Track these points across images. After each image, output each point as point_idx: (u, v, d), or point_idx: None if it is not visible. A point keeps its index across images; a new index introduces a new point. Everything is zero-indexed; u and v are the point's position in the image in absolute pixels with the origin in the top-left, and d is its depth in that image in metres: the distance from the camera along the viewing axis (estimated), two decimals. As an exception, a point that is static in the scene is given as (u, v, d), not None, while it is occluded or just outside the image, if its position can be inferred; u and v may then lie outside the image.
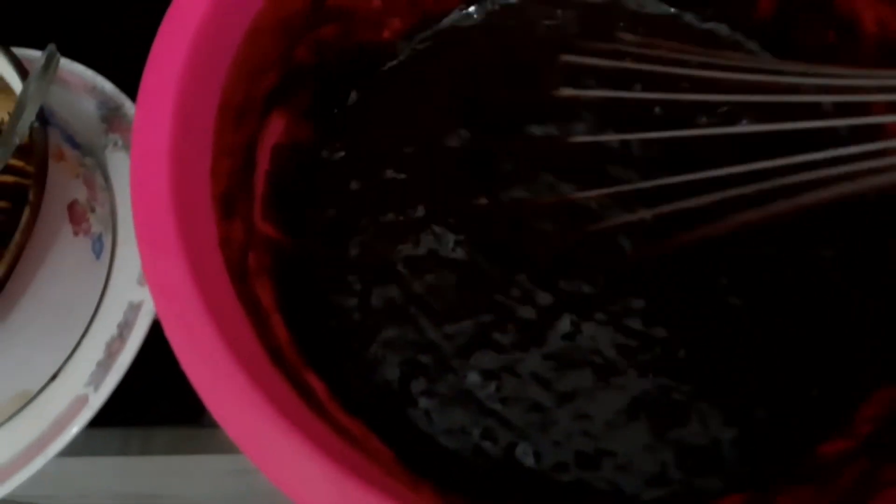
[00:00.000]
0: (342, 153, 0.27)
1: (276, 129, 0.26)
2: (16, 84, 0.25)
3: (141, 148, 0.20)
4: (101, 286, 0.27)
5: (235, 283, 0.20)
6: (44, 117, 0.24)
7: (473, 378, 0.23)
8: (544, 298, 0.24)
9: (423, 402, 0.23)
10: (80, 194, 0.26)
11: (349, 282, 0.25)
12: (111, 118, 0.30)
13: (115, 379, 0.25)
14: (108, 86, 0.30)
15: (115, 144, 0.29)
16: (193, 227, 0.20)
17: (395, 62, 0.29)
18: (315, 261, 0.25)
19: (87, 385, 0.25)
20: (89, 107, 0.30)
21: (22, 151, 0.24)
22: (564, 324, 0.23)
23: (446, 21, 0.30)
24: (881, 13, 0.24)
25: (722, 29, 0.28)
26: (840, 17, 0.25)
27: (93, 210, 0.27)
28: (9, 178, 0.28)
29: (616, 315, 0.23)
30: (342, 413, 0.21)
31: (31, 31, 0.31)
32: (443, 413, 0.23)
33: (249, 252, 0.22)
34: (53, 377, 0.26)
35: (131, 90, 0.30)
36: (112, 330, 0.26)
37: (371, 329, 0.24)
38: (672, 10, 0.29)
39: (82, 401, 0.25)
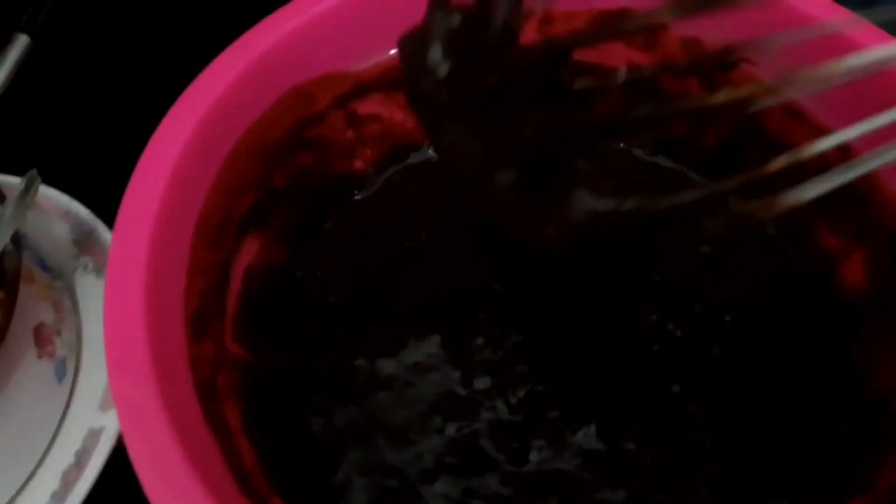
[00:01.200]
0: (313, 276, 0.28)
1: (250, 249, 0.26)
2: (-8, 208, 0.25)
3: (116, 265, 0.20)
4: (61, 412, 0.26)
5: (204, 404, 0.20)
6: (18, 241, 0.25)
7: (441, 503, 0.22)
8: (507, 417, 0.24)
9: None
10: (48, 317, 0.26)
11: (315, 402, 0.24)
12: (83, 242, 0.30)
13: (69, 511, 0.24)
14: (82, 210, 0.31)
15: (86, 267, 0.29)
16: (165, 346, 0.19)
17: (367, 192, 0.31)
18: (282, 381, 0.25)
19: (39, 519, 0.24)
20: (62, 231, 0.30)
21: (-8, 273, 0.24)
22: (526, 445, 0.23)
23: (415, 156, 0.32)
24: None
25: (666, 161, 0.30)
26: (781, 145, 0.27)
27: (59, 333, 0.26)
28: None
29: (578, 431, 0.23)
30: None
31: (4, 156, 0.32)
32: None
33: (219, 373, 0.22)
34: (2, 511, 0.24)
35: (105, 214, 0.31)
36: (69, 458, 0.25)
37: (337, 452, 0.23)
38: (621, 145, 0.31)
39: (32, 536, 0.24)
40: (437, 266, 0.28)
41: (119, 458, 0.25)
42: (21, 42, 0.37)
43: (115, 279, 0.20)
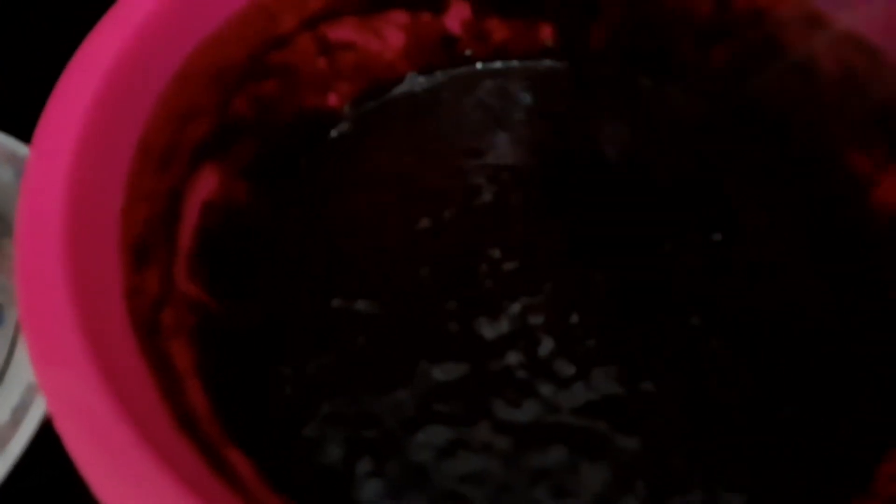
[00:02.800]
0: (282, 216, 0.25)
1: (207, 183, 0.23)
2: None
3: (32, 178, 0.17)
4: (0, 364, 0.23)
5: (140, 338, 0.17)
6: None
7: (425, 455, 0.20)
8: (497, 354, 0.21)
9: (372, 485, 0.19)
10: (-17, 260, 0.23)
11: (284, 348, 0.22)
12: (29, 184, 0.27)
13: (2, 470, 0.21)
14: (25, 152, 0.28)
15: (31, 212, 0.27)
16: (90, 271, 0.17)
17: (343, 129, 0.28)
18: (246, 325, 0.22)
19: (-33, 480, 0.21)
20: (5, 174, 0.27)
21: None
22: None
23: (394, 91, 0.29)
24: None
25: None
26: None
27: (-4, 279, 0.24)
28: None
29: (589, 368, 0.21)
30: (274, 497, 0.17)
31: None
32: (395, 497, 0.19)
33: (165, 308, 0.19)
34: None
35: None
36: (4, 415, 0.22)
37: (308, 402, 0.21)
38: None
39: (-42, 500, 0.21)
40: (421, 203, 0.25)
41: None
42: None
43: (30, 194, 0.17)
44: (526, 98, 0.28)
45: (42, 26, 0.36)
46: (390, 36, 0.28)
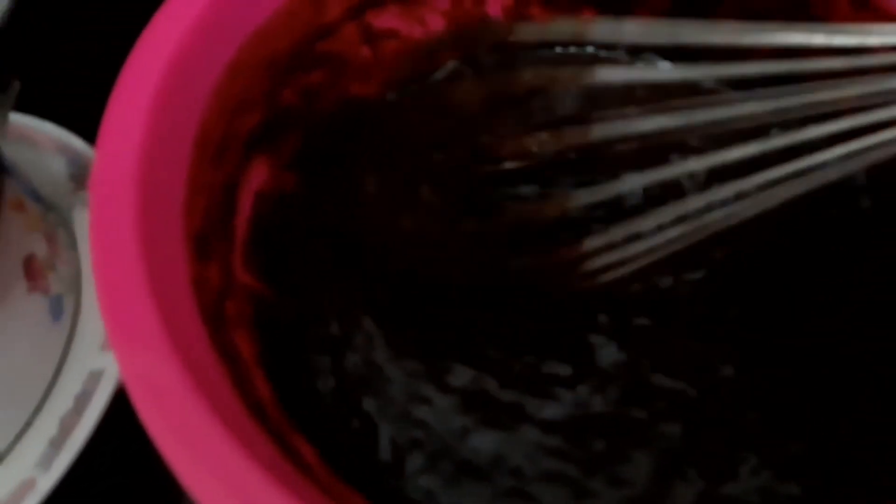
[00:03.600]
0: (330, 207, 0.25)
1: (259, 175, 0.24)
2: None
3: (103, 175, 0.17)
4: (59, 354, 0.24)
5: (210, 328, 0.17)
6: (2, 163, 0.22)
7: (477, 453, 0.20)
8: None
9: (424, 481, 0.20)
10: (40, 249, 0.24)
11: (333, 341, 0.22)
12: (81, 176, 0.28)
13: (67, 458, 0.22)
14: (78, 144, 0.28)
15: (85, 203, 0.27)
16: (162, 264, 0.17)
17: (386, 115, 0.28)
18: (300, 316, 0.22)
19: (36, 467, 0.22)
20: (58, 165, 0.28)
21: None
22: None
23: (436, 76, 0.29)
24: None
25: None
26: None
27: (53, 268, 0.24)
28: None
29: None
30: (338, 484, 0.18)
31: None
32: (449, 492, 0.19)
33: (227, 300, 0.20)
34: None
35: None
36: (68, 403, 0.23)
37: (355, 395, 0.21)
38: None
39: (28, 485, 0.22)
40: (464, 190, 0.25)
41: (121, 403, 0.23)
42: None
43: (101, 193, 0.17)
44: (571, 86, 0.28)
45: (83, 20, 0.36)
46: (432, 22, 0.28)
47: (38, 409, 0.23)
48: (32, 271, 0.23)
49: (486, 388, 0.21)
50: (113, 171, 0.18)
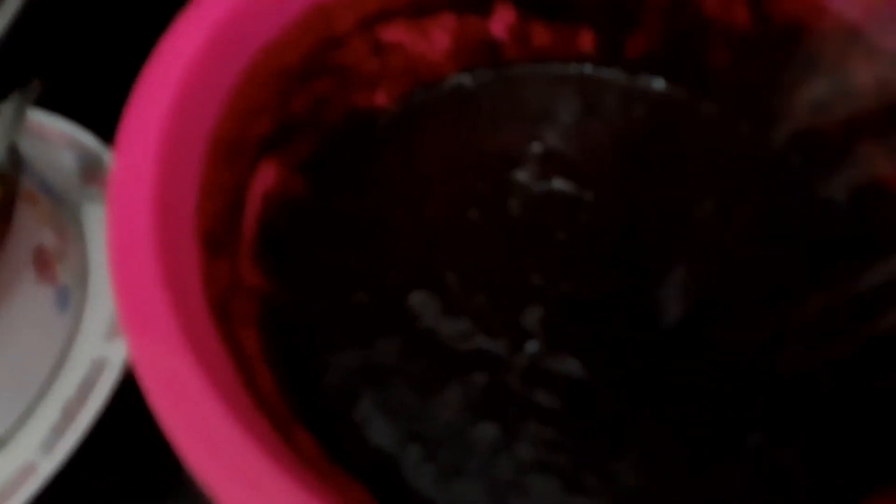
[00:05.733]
0: (336, 211, 0.26)
1: (267, 176, 0.24)
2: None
3: (122, 177, 0.18)
4: (63, 343, 0.25)
5: (219, 324, 0.18)
6: (15, 154, 0.23)
7: (477, 445, 0.21)
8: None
9: (425, 470, 0.21)
10: (49, 241, 0.24)
11: (336, 339, 0.23)
12: (90, 171, 0.28)
13: (69, 444, 0.22)
14: (88, 139, 0.29)
15: (93, 197, 0.28)
16: (175, 260, 0.18)
17: (390, 125, 0.29)
18: (302, 314, 0.23)
19: (38, 452, 0.23)
20: (68, 159, 0.29)
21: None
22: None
23: (438, 88, 0.30)
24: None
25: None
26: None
27: (61, 260, 0.25)
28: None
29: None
30: (338, 474, 0.19)
31: (10, 85, 0.30)
32: (447, 483, 0.20)
33: (234, 298, 0.21)
34: (0, 443, 0.23)
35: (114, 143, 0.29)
36: (71, 390, 0.23)
37: (357, 389, 0.22)
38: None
39: (29, 470, 0.22)
40: (466, 197, 0.26)
41: (124, 393, 0.23)
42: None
43: (119, 191, 0.18)
44: (568, 102, 0.29)
45: (94, 17, 0.37)
46: (437, 38, 0.29)
47: (40, 395, 0.24)
48: (42, 262, 0.24)
49: (489, 381, 0.22)
50: (131, 170, 0.18)
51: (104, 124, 0.30)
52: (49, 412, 0.23)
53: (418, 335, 0.23)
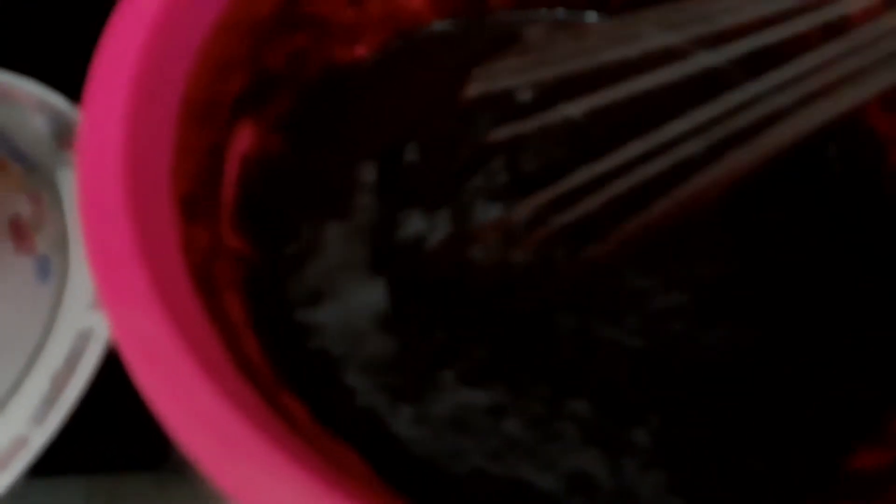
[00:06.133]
0: (316, 169, 0.26)
1: (244, 138, 0.24)
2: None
3: (89, 137, 0.17)
4: (47, 313, 0.24)
5: (201, 292, 0.18)
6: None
7: (470, 404, 0.21)
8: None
9: (415, 430, 0.20)
10: (24, 210, 0.24)
11: (321, 301, 0.23)
12: (63, 135, 0.27)
13: (60, 415, 0.22)
14: (59, 101, 0.28)
15: (68, 162, 0.27)
16: (152, 229, 0.17)
17: (369, 74, 0.28)
18: (286, 277, 0.23)
19: (29, 424, 0.22)
20: (39, 124, 0.28)
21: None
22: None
23: (417, 35, 0.29)
24: None
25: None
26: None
27: (39, 229, 0.24)
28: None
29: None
30: (327, 438, 0.18)
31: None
32: (437, 439, 0.20)
33: (216, 262, 0.20)
34: (-11, 416, 0.23)
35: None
36: (59, 361, 0.23)
37: (343, 352, 0.22)
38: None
39: (21, 442, 0.22)
40: (448, 145, 0.25)
41: (113, 363, 0.23)
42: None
43: (88, 154, 0.18)
44: (554, 48, 0.28)
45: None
46: (416, -18, 0.28)
47: (28, 367, 0.23)
48: (18, 233, 0.23)
49: (476, 343, 0.22)
50: (99, 131, 0.18)
51: (73, 86, 0.29)
52: (38, 384, 0.23)
53: (405, 288, 0.22)
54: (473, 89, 0.21)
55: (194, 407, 0.15)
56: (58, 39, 0.32)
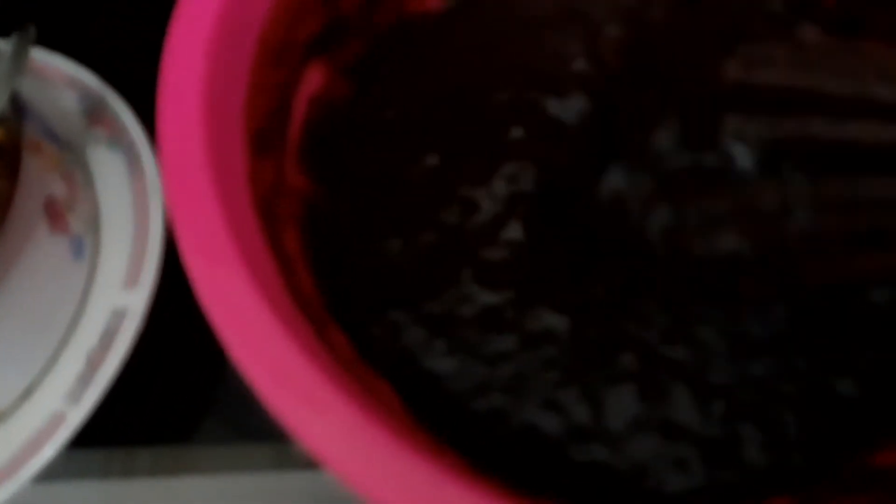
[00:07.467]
0: (380, 115, 0.25)
1: (314, 79, 0.24)
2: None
3: (172, 72, 0.18)
4: (81, 291, 0.24)
5: (263, 222, 0.18)
6: (17, 105, 0.22)
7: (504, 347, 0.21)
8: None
9: (449, 366, 0.21)
10: (59, 190, 0.24)
11: (373, 242, 0.23)
12: (93, 112, 0.27)
13: (96, 393, 0.22)
14: (89, 78, 0.28)
15: (98, 140, 0.27)
16: (223, 157, 0.18)
17: (440, 28, 0.27)
18: (343, 217, 0.23)
19: (65, 401, 0.23)
20: (69, 101, 0.28)
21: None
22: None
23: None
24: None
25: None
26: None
27: (72, 209, 0.24)
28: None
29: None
30: (366, 370, 0.19)
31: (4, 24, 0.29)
32: (465, 373, 0.21)
33: (278, 198, 0.20)
34: (27, 393, 0.23)
35: (116, 82, 0.28)
36: (93, 340, 0.23)
37: (391, 292, 0.22)
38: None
39: (59, 419, 0.22)
40: (513, 103, 0.25)
41: (146, 341, 0.23)
42: None
43: (170, 90, 0.18)
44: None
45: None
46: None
47: (63, 344, 0.23)
48: (53, 212, 0.23)
49: (518, 290, 0.22)
50: (180, 69, 0.18)
51: (102, 63, 0.29)
52: (73, 362, 0.23)
53: (455, 238, 0.22)
54: (734, 71, 0.20)
55: (254, 336, 0.16)
56: (82, 15, 0.32)
